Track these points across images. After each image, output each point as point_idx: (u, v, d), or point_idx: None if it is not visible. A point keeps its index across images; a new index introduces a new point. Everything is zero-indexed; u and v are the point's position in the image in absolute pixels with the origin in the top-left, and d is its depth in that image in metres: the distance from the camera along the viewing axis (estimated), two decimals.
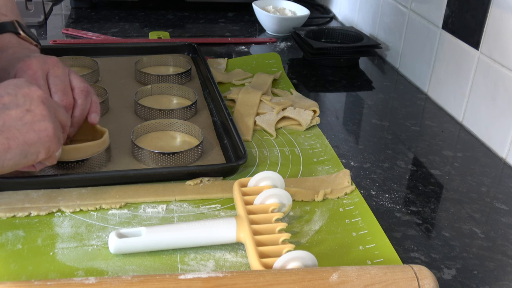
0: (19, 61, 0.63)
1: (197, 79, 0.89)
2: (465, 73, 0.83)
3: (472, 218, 0.62)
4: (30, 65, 0.62)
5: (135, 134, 0.68)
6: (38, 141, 0.53)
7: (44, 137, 0.53)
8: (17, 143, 0.51)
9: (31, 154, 0.53)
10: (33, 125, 0.52)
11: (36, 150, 0.53)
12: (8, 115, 0.52)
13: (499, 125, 0.75)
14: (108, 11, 1.26)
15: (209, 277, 0.44)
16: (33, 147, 0.52)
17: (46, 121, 0.53)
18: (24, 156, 0.52)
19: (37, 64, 0.63)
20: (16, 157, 0.52)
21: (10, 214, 0.56)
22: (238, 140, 0.68)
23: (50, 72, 0.63)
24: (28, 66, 0.62)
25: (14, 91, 0.53)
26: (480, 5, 0.79)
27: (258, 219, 0.54)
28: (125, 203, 0.59)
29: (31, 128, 0.52)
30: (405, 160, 0.73)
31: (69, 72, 0.65)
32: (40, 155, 0.53)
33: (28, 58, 0.63)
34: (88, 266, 0.50)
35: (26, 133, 0.52)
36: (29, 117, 0.52)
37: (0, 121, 0.51)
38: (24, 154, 0.52)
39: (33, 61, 0.63)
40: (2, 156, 0.51)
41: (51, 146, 0.54)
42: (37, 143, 0.53)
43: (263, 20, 1.18)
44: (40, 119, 0.53)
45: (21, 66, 0.63)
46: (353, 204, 0.61)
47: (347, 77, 0.99)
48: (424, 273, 0.46)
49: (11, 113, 0.52)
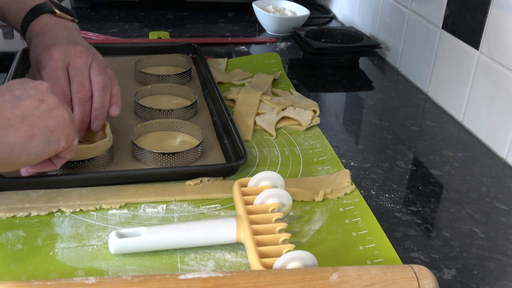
0: (43, 50, 0.65)
1: (197, 79, 0.89)
2: (465, 73, 0.83)
3: (472, 218, 0.62)
4: (51, 56, 0.63)
5: (135, 134, 0.68)
6: (58, 127, 0.53)
7: (62, 123, 0.53)
8: (40, 130, 0.51)
9: (54, 141, 0.53)
10: (50, 112, 0.53)
11: (57, 137, 0.53)
12: (24, 105, 0.52)
13: (499, 125, 0.75)
14: (108, 11, 1.26)
15: (209, 277, 0.44)
16: (54, 133, 0.53)
17: (61, 108, 0.54)
18: (48, 143, 0.52)
19: (58, 55, 0.64)
20: (41, 144, 0.52)
21: (10, 214, 0.56)
22: (238, 140, 0.68)
23: (71, 62, 0.64)
24: (49, 56, 0.63)
25: (22, 86, 0.54)
26: (480, 5, 0.79)
27: (258, 219, 0.54)
28: (125, 203, 0.59)
29: (49, 114, 0.53)
30: (405, 160, 0.73)
31: (91, 62, 0.66)
32: (61, 143, 0.53)
33: (51, 48, 0.64)
34: (88, 266, 0.50)
35: (46, 120, 0.52)
36: (44, 105, 0.53)
37: (18, 111, 0.51)
38: (47, 141, 0.52)
39: (55, 51, 0.64)
40: (27, 144, 0.50)
41: (70, 133, 0.54)
42: (57, 129, 0.53)
43: (263, 20, 1.18)
44: (55, 107, 0.53)
45: (44, 56, 0.64)
46: (353, 204, 0.61)
47: (347, 77, 0.99)
48: (424, 273, 0.46)
49: (26, 103, 0.52)
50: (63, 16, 0.72)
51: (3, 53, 0.99)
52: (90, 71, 0.65)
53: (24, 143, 0.50)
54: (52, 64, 0.63)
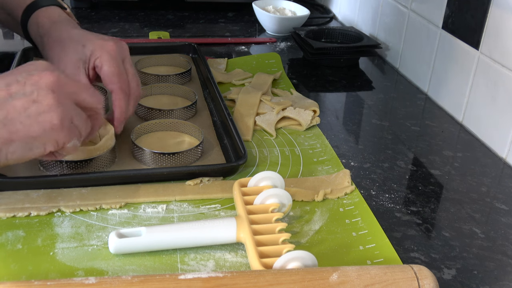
0: (95, 40, 0.64)
1: (197, 79, 0.89)
2: (465, 73, 0.83)
3: (472, 218, 0.62)
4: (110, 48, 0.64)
5: (135, 134, 0.68)
6: (42, 134, 0.51)
7: (48, 129, 0.51)
8: (20, 136, 0.50)
9: (37, 146, 0.51)
10: (37, 117, 0.50)
11: (41, 143, 0.51)
12: (12, 106, 0.50)
13: (499, 125, 0.75)
14: (108, 11, 1.26)
15: (209, 277, 0.44)
16: (37, 140, 0.51)
17: (53, 111, 0.50)
18: (29, 149, 0.51)
19: (116, 48, 0.64)
20: (20, 150, 0.50)
21: (10, 214, 0.56)
22: (238, 140, 0.68)
23: (126, 59, 0.65)
24: (108, 48, 0.63)
25: (24, 78, 0.51)
26: (480, 5, 0.79)
27: (258, 219, 0.54)
28: (125, 203, 0.59)
29: (35, 120, 0.50)
30: (405, 160, 0.73)
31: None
32: (47, 148, 0.52)
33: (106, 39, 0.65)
34: (88, 266, 0.50)
35: (29, 126, 0.50)
36: (34, 108, 0.50)
37: (3, 113, 0.49)
38: (28, 147, 0.51)
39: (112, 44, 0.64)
40: (4, 149, 0.50)
41: (59, 138, 0.52)
42: (41, 136, 0.51)
43: (263, 20, 1.18)
44: (46, 110, 0.50)
45: (100, 45, 0.63)
46: (353, 204, 0.61)
47: (347, 77, 0.99)
48: (424, 273, 0.46)
49: (16, 104, 0.50)
50: (71, 15, 0.72)
51: (3, 53, 0.99)
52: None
53: (1, 148, 0.50)
54: (114, 54, 0.63)
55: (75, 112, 0.53)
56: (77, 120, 0.53)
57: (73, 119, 0.53)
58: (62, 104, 0.51)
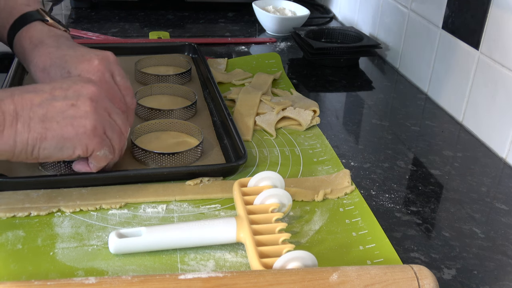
0: (81, 61, 0.62)
1: (197, 79, 0.89)
2: (465, 73, 0.83)
3: (472, 218, 0.62)
4: (97, 67, 0.62)
5: (135, 134, 0.68)
6: (74, 137, 0.53)
7: (81, 134, 0.54)
8: (54, 135, 0.53)
9: (67, 148, 0.54)
10: (73, 120, 0.53)
11: (72, 145, 0.54)
12: (53, 106, 0.53)
13: (499, 125, 0.75)
14: (108, 11, 1.26)
15: (209, 277, 0.44)
16: (69, 142, 0.53)
17: (88, 118, 0.54)
18: (60, 149, 0.54)
19: (103, 65, 0.62)
20: (51, 148, 0.53)
21: (10, 214, 0.56)
22: (238, 140, 0.68)
23: (115, 72, 0.64)
24: (95, 68, 0.62)
25: (68, 86, 0.54)
26: (480, 5, 0.79)
27: (258, 219, 0.54)
28: (125, 203, 0.59)
29: (70, 122, 0.53)
30: (405, 160, 0.73)
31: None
32: (76, 151, 0.54)
33: (90, 59, 0.62)
34: (88, 266, 0.50)
35: (64, 127, 0.53)
36: (71, 111, 0.53)
37: (43, 111, 0.52)
38: (59, 147, 0.53)
39: (98, 62, 0.62)
40: (37, 144, 0.52)
41: (89, 144, 0.54)
42: (73, 139, 0.53)
43: (263, 20, 1.18)
44: (82, 115, 0.54)
45: (86, 68, 0.62)
46: (353, 204, 0.61)
47: (347, 77, 0.99)
48: (424, 273, 0.46)
49: (56, 105, 0.53)
50: (55, 25, 0.70)
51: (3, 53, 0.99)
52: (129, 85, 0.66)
53: (34, 144, 0.52)
54: (101, 75, 0.61)
55: (109, 124, 0.56)
56: (110, 132, 0.56)
57: (106, 130, 0.56)
58: (97, 113, 0.55)
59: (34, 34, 0.67)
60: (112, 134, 0.57)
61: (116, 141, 0.58)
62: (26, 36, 0.67)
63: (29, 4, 0.71)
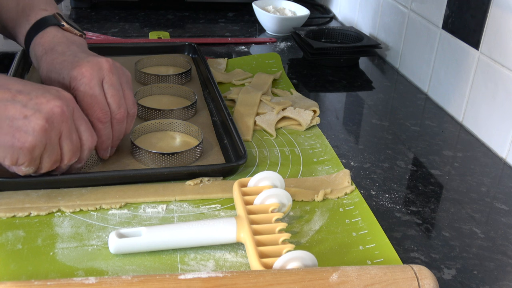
0: (73, 67, 0.61)
1: (197, 79, 0.89)
2: (465, 73, 0.83)
3: (472, 218, 0.62)
4: (84, 73, 0.60)
5: (135, 135, 0.68)
6: (9, 147, 0.52)
7: (17, 147, 0.52)
8: None
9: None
10: (16, 131, 0.51)
11: (3, 153, 0.52)
12: (6, 109, 0.51)
13: (499, 125, 0.75)
14: (108, 11, 1.26)
15: (209, 277, 0.44)
16: (1, 149, 0.52)
17: (31, 136, 0.52)
18: None
19: (91, 71, 0.60)
20: None
21: (10, 214, 0.56)
22: (238, 140, 0.68)
23: (105, 79, 0.61)
24: (82, 74, 0.60)
25: (34, 95, 0.52)
26: (480, 5, 0.79)
27: (258, 219, 0.54)
28: (125, 203, 0.59)
29: (12, 132, 0.51)
30: (405, 160, 0.73)
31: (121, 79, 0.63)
32: (6, 160, 0.53)
33: (81, 64, 0.61)
34: (88, 266, 0.50)
35: (4, 134, 0.51)
36: (20, 122, 0.51)
37: None
38: None
39: (87, 68, 0.60)
40: None
41: (20, 158, 0.53)
42: (7, 148, 0.52)
43: (263, 20, 1.18)
44: (28, 131, 0.52)
45: (75, 74, 0.60)
46: (353, 204, 0.61)
47: (347, 77, 0.99)
48: (424, 273, 0.46)
49: (10, 109, 0.51)
50: (71, 30, 0.69)
51: (3, 53, 0.99)
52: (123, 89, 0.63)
53: None
54: (86, 81, 0.60)
55: (52, 149, 0.54)
56: (46, 156, 0.54)
57: (43, 154, 0.54)
58: (45, 135, 0.53)
59: (47, 40, 0.67)
60: (47, 158, 0.55)
61: (47, 166, 0.55)
62: (40, 43, 0.67)
63: (46, 9, 0.70)
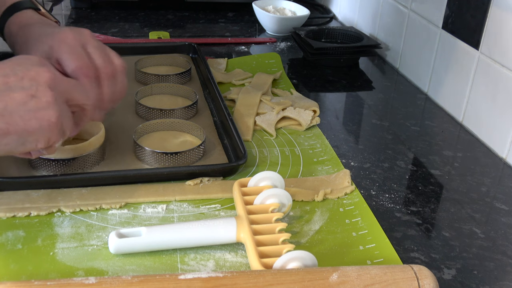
0: (54, 34, 0.60)
1: (197, 79, 0.89)
2: (465, 73, 0.83)
3: (472, 218, 0.62)
4: (67, 37, 0.59)
5: (137, 134, 0.68)
6: (39, 130, 0.50)
7: (45, 126, 0.51)
8: (17, 129, 0.49)
9: (30, 142, 0.51)
10: (36, 112, 0.50)
11: (35, 139, 0.51)
12: (12, 98, 0.49)
13: (499, 125, 0.75)
14: (108, 11, 1.26)
15: (209, 277, 0.44)
16: (32, 135, 0.51)
17: (51, 109, 0.50)
18: (22, 144, 0.51)
19: (74, 35, 0.60)
20: (13, 143, 0.50)
21: (10, 214, 0.56)
22: (238, 140, 0.68)
23: (88, 44, 0.60)
24: (64, 38, 0.59)
25: (21, 72, 0.51)
26: (480, 5, 0.79)
27: (258, 219, 0.54)
28: (125, 203, 0.59)
29: (34, 115, 0.50)
30: (405, 160, 0.73)
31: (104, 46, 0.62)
32: (39, 144, 0.52)
33: (63, 31, 0.60)
34: (88, 266, 0.50)
35: (28, 121, 0.50)
36: (33, 103, 0.50)
37: (2, 104, 0.49)
38: (22, 141, 0.50)
39: (69, 33, 0.60)
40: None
41: (52, 136, 0.52)
42: (37, 132, 0.50)
43: (263, 20, 1.18)
44: (45, 107, 0.50)
45: (58, 38, 0.59)
46: (353, 204, 0.61)
47: (347, 77, 0.99)
48: (424, 273, 0.46)
49: (15, 96, 0.50)
50: (46, 15, 0.69)
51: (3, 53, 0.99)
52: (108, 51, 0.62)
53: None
54: (70, 43, 0.58)
55: (66, 112, 0.53)
56: (65, 121, 0.53)
57: (63, 120, 0.53)
58: (57, 102, 0.51)
59: (23, 19, 0.67)
60: (67, 121, 0.53)
61: (69, 127, 0.54)
62: (16, 22, 0.67)
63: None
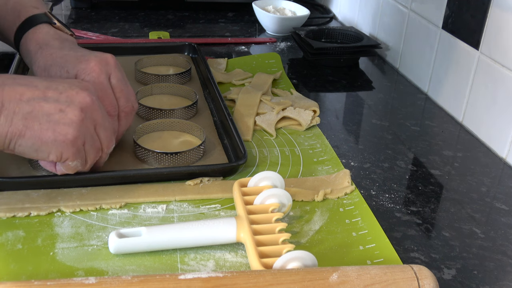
0: (79, 61, 0.62)
1: (197, 79, 0.89)
2: (465, 73, 0.83)
3: (472, 218, 0.62)
4: (93, 67, 0.61)
5: (137, 134, 0.68)
6: (52, 142, 0.53)
7: (60, 141, 0.53)
8: (32, 135, 0.52)
9: (42, 151, 0.53)
10: (56, 125, 0.53)
11: (47, 150, 0.53)
12: (41, 106, 0.52)
13: (499, 125, 0.75)
14: (108, 11, 1.26)
15: (209, 277, 0.44)
16: (45, 146, 0.53)
17: (71, 127, 0.53)
18: (35, 150, 0.53)
19: (100, 67, 0.61)
20: (26, 147, 0.53)
21: (10, 214, 0.56)
22: (238, 140, 0.68)
23: (112, 74, 0.62)
24: (91, 69, 0.61)
25: (63, 89, 0.54)
26: (480, 5, 0.79)
27: (258, 219, 0.54)
28: (125, 203, 0.59)
29: (52, 126, 0.53)
30: (405, 160, 0.73)
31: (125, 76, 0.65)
32: (50, 156, 0.54)
33: (88, 59, 0.62)
34: (88, 266, 0.50)
35: (45, 130, 0.52)
36: (57, 116, 0.53)
37: (29, 108, 0.52)
38: (34, 148, 0.53)
39: (95, 63, 0.61)
40: (14, 139, 0.52)
41: (64, 153, 0.54)
42: (50, 144, 0.53)
43: (263, 20, 1.18)
44: (67, 123, 0.53)
45: (83, 68, 0.61)
46: (353, 204, 0.61)
47: (347, 77, 0.99)
48: (424, 273, 0.46)
49: (44, 106, 0.53)
50: (61, 29, 0.70)
51: (3, 53, 0.99)
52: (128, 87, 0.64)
53: (12, 138, 0.52)
54: (96, 75, 0.61)
55: (91, 138, 0.56)
56: (88, 146, 0.56)
57: (85, 143, 0.55)
58: (83, 125, 0.54)
59: (40, 36, 0.67)
60: (90, 148, 0.56)
61: (92, 156, 0.57)
62: (33, 38, 0.67)
63: (37, 7, 0.71)
